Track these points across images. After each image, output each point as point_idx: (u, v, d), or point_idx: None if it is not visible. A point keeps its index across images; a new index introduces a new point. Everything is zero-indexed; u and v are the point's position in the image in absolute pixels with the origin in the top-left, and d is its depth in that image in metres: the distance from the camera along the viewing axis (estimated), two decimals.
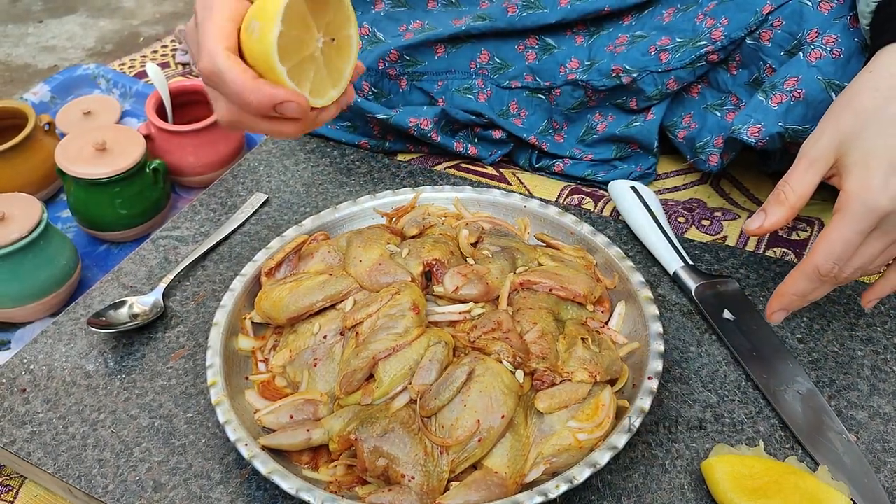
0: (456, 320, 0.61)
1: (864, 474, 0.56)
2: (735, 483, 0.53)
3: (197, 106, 0.96)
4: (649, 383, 0.56)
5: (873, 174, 0.51)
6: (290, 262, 0.67)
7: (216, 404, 0.57)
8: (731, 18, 0.77)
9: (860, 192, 0.51)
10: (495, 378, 0.54)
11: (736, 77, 0.80)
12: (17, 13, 1.56)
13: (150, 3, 1.58)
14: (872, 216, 0.51)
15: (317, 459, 0.56)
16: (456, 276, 0.62)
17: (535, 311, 0.60)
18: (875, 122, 0.52)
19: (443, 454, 0.52)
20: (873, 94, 0.53)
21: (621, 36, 0.83)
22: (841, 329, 0.67)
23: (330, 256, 0.66)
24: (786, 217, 0.54)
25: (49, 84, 1.12)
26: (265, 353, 0.64)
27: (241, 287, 0.66)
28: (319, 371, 0.59)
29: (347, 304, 0.62)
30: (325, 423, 0.55)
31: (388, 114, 0.86)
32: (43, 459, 0.59)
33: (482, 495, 0.51)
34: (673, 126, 0.86)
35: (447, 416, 0.53)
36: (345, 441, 0.53)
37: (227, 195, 0.84)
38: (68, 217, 0.91)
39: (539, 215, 0.73)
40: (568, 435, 0.54)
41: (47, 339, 0.68)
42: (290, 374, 0.61)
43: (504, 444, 0.53)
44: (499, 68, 0.87)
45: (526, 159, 0.91)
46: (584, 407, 0.55)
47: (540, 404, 0.55)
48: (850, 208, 0.51)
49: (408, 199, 0.75)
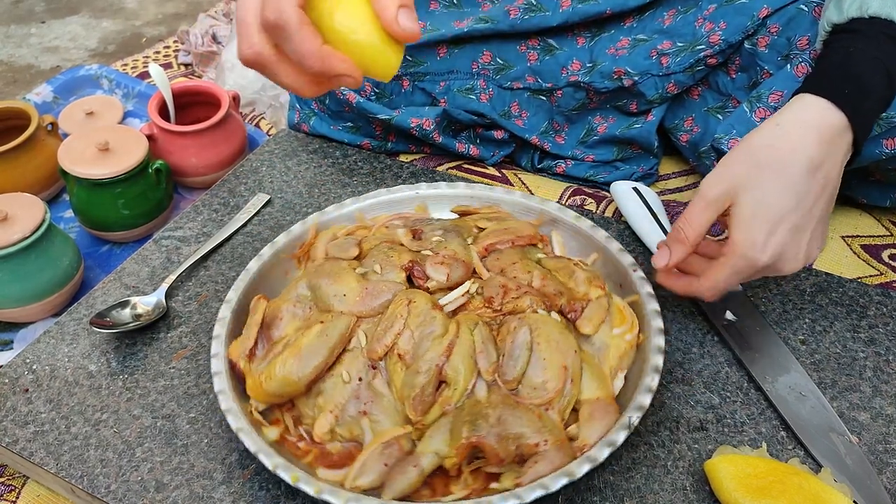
0: (462, 304, 0.61)
1: (867, 476, 0.56)
2: (739, 483, 0.53)
3: (199, 107, 0.96)
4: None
5: (757, 232, 0.56)
6: (262, 337, 0.60)
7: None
8: (729, 22, 0.77)
9: (744, 248, 0.57)
10: (547, 325, 0.58)
11: (735, 80, 0.80)
12: (20, 14, 1.56)
13: (152, 3, 1.58)
14: (753, 268, 0.58)
15: (435, 486, 0.54)
16: (437, 266, 0.62)
17: (519, 264, 0.64)
18: (769, 177, 0.57)
19: (549, 409, 0.55)
20: (772, 150, 0.57)
21: (623, 38, 0.84)
22: (843, 330, 0.67)
23: (298, 310, 0.61)
24: (687, 253, 0.60)
25: (52, 84, 1.12)
26: (296, 432, 0.58)
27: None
28: (375, 412, 0.55)
29: (361, 340, 0.58)
30: (425, 449, 0.53)
31: (391, 114, 0.86)
32: (45, 459, 0.59)
33: (606, 420, 0.55)
34: (675, 129, 0.86)
35: (533, 377, 0.56)
36: (464, 449, 0.52)
37: (230, 196, 0.84)
38: (71, 217, 0.91)
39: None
40: (620, 342, 0.60)
41: (50, 340, 0.68)
42: (344, 433, 0.56)
43: (586, 374, 0.57)
44: (501, 69, 0.87)
45: (528, 160, 0.91)
46: (613, 315, 0.61)
47: (586, 329, 0.59)
48: (735, 260, 0.57)
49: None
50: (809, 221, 0.57)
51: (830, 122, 0.57)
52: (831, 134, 0.57)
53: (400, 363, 0.56)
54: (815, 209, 0.57)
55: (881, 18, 0.58)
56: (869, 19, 0.59)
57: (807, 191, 0.56)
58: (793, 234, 0.57)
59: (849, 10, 0.60)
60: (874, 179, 0.80)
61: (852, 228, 0.82)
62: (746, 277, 0.59)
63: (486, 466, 0.53)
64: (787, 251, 0.57)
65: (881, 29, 0.58)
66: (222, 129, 0.91)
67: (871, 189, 0.81)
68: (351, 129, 0.91)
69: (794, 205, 0.56)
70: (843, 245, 0.80)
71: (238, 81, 1.07)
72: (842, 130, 0.57)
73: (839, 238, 0.80)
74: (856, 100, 0.57)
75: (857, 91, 0.57)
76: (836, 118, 0.57)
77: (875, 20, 0.59)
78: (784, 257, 0.57)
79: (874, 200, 0.82)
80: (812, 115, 0.57)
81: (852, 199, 0.83)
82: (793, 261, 0.58)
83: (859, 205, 0.84)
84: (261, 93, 1.07)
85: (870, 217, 0.83)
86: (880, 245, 0.80)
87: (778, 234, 0.56)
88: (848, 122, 0.57)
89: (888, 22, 0.58)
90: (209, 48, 1.21)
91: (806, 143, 0.56)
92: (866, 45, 0.58)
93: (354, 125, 0.91)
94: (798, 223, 0.57)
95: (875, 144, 0.68)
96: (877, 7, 0.58)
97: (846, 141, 0.58)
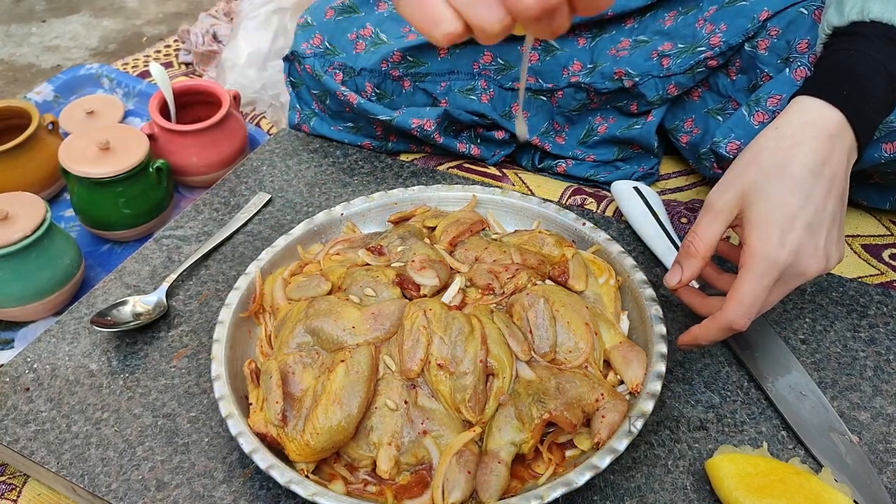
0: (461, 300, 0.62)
1: (867, 475, 0.56)
2: (740, 482, 0.53)
3: (200, 106, 0.96)
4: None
5: (772, 231, 0.55)
6: (287, 400, 0.55)
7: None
8: (730, 24, 0.77)
9: (761, 249, 0.55)
10: (555, 292, 0.61)
11: (735, 82, 0.80)
12: (21, 13, 1.56)
13: (153, 3, 1.58)
14: (774, 271, 0.55)
15: (519, 473, 0.54)
16: (422, 272, 0.62)
17: (490, 248, 0.66)
18: (775, 179, 0.56)
19: (587, 367, 0.58)
20: (775, 153, 0.57)
21: (623, 39, 0.84)
22: (843, 330, 0.67)
23: (307, 358, 0.57)
24: (700, 267, 0.58)
25: (52, 84, 1.12)
26: (358, 478, 0.55)
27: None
28: (434, 427, 0.54)
29: (389, 364, 0.57)
30: (499, 443, 0.53)
31: (391, 115, 0.86)
32: (46, 458, 0.59)
33: (639, 357, 0.58)
34: (675, 130, 0.86)
35: (565, 343, 0.58)
36: (540, 428, 0.54)
37: (230, 195, 0.84)
38: (72, 216, 0.91)
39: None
40: (607, 289, 0.64)
41: (51, 338, 0.68)
42: (410, 460, 0.54)
43: (601, 326, 0.61)
44: (501, 69, 0.87)
45: (528, 160, 0.91)
46: (592, 268, 0.65)
47: (578, 286, 0.64)
48: (755, 265, 0.55)
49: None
50: (823, 219, 0.56)
51: (829, 119, 0.57)
52: (831, 131, 0.57)
53: (442, 372, 0.55)
54: (826, 207, 0.56)
55: (882, 22, 0.58)
56: (870, 23, 0.59)
57: (814, 188, 0.56)
58: (807, 231, 0.55)
59: (850, 13, 0.60)
60: (873, 182, 0.80)
61: (853, 228, 0.82)
62: (771, 284, 0.55)
63: (557, 438, 0.56)
64: (805, 249, 0.55)
65: (882, 32, 0.58)
66: (223, 128, 0.91)
67: (870, 192, 0.81)
68: (352, 129, 0.91)
69: (804, 202, 0.55)
70: (844, 245, 0.80)
71: (239, 81, 1.07)
72: (841, 128, 0.57)
73: None
74: (855, 101, 0.57)
75: (856, 92, 0.57)
76: (834, 116, 0.57)
77: (876, 24, 0.59)
78: (803, 255, 0.55)
79: (874, 203, 0.82)
80: (811, 116, 0.57)
81: (852, 201, 0.83)
82: (814, 259, 0.56)
83: (860, 206, 0.84)
84: (261, 92, 1.07)
85: (870, 217, 0.83)
86: (881, 245, 0.80)
87: (793, 232, 0.55)
88: (846, 120, 0.57)
89: (889, 26, 0.58)
90: (210, 47, 1.21)
91: (806, 141, 0.56)
92: (867, 47, 0.58)
93: (355, 126, 0.91)
94: (811, 220, 0.55)
95: (875, 148, 0.69)
96: (878, 11, 0.58)
97: (848, 138, 0.57)
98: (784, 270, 0.55)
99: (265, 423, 0.55)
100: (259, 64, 1.08)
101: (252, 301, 0.65)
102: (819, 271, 0.56)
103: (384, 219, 0.74)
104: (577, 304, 0.61)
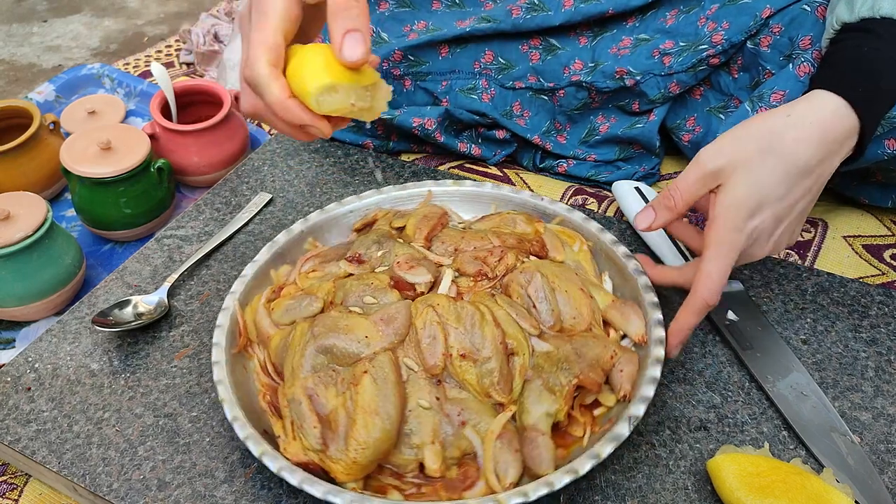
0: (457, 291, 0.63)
1: (868, 476, 0.56)
2: (742, 482, 0.53)
3: (201, 105, 0.96)
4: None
5: (742, 213, 0.57)
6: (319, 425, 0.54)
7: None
8: (732, 22, 0.77)
9: (729, 230, 0.57)
10: (545, 266, 0.63)
11: (737, 80, 0.80)
12: (22, 13, 1.56)
13: (154, 3, 1.58)
14: (736, 252, 0.57)
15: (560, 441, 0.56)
16: (413, 271, 0.62)
17: (467, 236, 0.67)
18: (768, 165, 0.57)
19: (591, 328, 0.61)
20: (779, 139, 0.57)
21: (625, 38, 0.84)
22: (845, 330, 0.67)
23: (326, 378, 0.56)
24: (672, 220, 0.60)
25: (54, 83, 1.12)
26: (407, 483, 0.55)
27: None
28: (470, 416, 0.55)
29: (410, 365, 0.56)
30: (534, 414, 0.55)
31: (392, 114, 0.86)
32: (47, 458, 0.59)
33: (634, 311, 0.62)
34: (677, 128, 0.86)
35: (567, 312, 0.61)
36: (570, 394, 0.57)
37: (232, 195, 0.84)
38: (73, 216, 0.91)
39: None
40: (583, 254, 0.68)
41: (52, 338, 0.68)
42: (455, 454, 0.54)
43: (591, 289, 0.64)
44: (503, 69, 0.87)
45: (529, 160, 0.91)
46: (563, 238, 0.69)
47: (559, 256, 0.67)
48: (722, 245, 0.57)
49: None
50: (790, 213, 0.59)
51: (842, 124, 0.57)
52: (838, 137, 0.57)
53: (465, 361, 0.56)
54: (798, 205, 0.59)
55: (893, 18, 0.58)
56: (880, 19, 0.59)
57: (796, 186, 0.57)
58: (772, 221, 0.58)
59: (860, 9, 0.60)
60: (875, 180, 0.80)
61: (854, 228, 0.82)
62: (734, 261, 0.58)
63: (584, 400, 0.58)
64: (762, 236, 0.59)
65: (894, 29, 0.58)
66: (224, 128, 0.91)
67: (872, 190, 0.81)
68: (353, 128, 0.91)
69: (782, 196, 0.57)
70: (845, 245, 0.80)
71: None
72: (850, 134, 0.58)
73: (841, 238, 0.80)
74: (869, 99, 0.57)
75: (871, 90, 0.57)
76: (848, 121, 0.57)
77: (886, 20, 0.59)
78: (759, 241, 0.59)
79: (875, 201, 0.82)
80: (826, 115, 0.57)
81: (854, 200, 0.83)
82: (763, 246, 0.60)
83: (861, 205, 0.84)
84: None
85: (871, 217, 0.83)
86: (882, 245, 0.80)
87: (757, 218, 0.57)
88: (860, 124, 0.57)
89: None
90: (211, 47, 1.21)
91: (813, 139, 0.57)
92: (879, 44, 0.59)
93: (356, 125, 0.91)
94: (779, 213, 0.58)
95: (877, 145, 0.68)
96: (889, 8, 0.58)
97: (850, 144, 0.58)
98: (743, 252, 0.58)
99: (304, 451, 0.53)
100: None
101: (238, 336, 0.62)
102: (761, 257, 0.61)
103: (343, 229, 0.73)
104: (567, 272, 0.64)
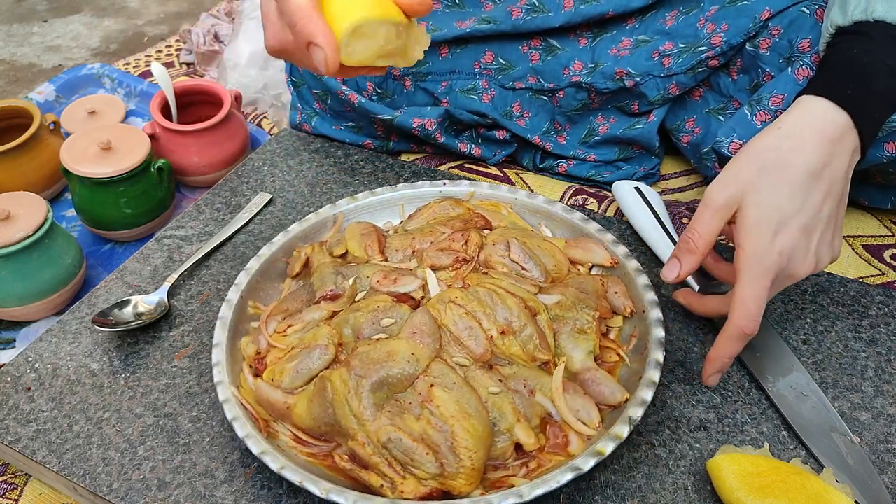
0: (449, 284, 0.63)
1: (868, 476, 0.56)
2: (742, 481, 0.53)
3: (201, 106, 0.96)
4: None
5: (766, 234, 0.55)
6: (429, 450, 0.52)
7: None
8: (731, 24, 0.77)
9: (755, 252, 0.55)
10: (509, 231, 0.68)
11: (737, 82, 0.80)
12: (22, 13, 1.56)
13: (154, 3, 1.58)
14: (771, 273, 0.55)
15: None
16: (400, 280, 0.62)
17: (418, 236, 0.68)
18: (774, 180, 0.56)
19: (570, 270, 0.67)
20: (776, 153, 0.57)
21: (625, 39, 0.84)
22: (845, 330, 0.67)
23: (397, 410, 0.53)
24: (698, 262, 0.58)
25: (54, 83, 1.12)
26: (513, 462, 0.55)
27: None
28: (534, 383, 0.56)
29: (462, 362, 0.57)
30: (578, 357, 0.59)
31: (392, 114, 0.86)
32: (48, 458, 0.59)
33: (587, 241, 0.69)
34: (677, 129, 0.86)
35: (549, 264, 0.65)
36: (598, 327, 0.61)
37: (232, 195, 0.84)
38: (73, 216, 0.91)
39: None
40: (510, 213, 0.73)
41: (52, 338, 0.68)
42: (536, 422, 0.56)
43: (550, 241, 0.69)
44: (503, 69, 0.87)
45: (530, 160, 0.91)
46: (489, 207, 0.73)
47: (502, 223, 0.71)
48: (751, 269, 0.55)
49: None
50: (818, 222, 0.57)
51: (833, 122, 0.57)
52: (835, 134, 0.57)
53: (506, 337, 0.58)
54: (823, 210, 0.57)
55: (886, 22, 0.58)
56: (874, 22, 0.59)
57: (811, 191, 0.56)
58: (802, 234, 0.56)
59: (853, 12, 0.60)
60: (875, 182, 0.80)
61: (854, 228, 0.82)
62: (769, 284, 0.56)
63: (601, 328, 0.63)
64: (797, 252, 0.56)
65: (886, 32, 0.58)
66: (224, 128, 0.91)
67: (872, 191, 0.81)
68: (353, 129, 0.91)
69: (800, 206, 0.55)
70: (845, 245, 0.80)
71: (240, 80, 1.07)
72: (846, 130, 0.57)
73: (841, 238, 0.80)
74: (860, 100, 0.57)
75: (861, 92, 0.57)
76: (839, 118, 0.57)
77: (880, 23, 0.59)
78: (796, 258, 0.56)
79: (875, 202, 0.82)
80: (815, 117, 0.57)
81: (854, 201, 0.83)
82: (805, 261, 0.57)
83: (861, 205, 0.84)
84: (263, 92, 1.07)
85: (871, 217, 0.83)
86: (882, 245, 0.80)
87: (784, 235, 0.55)
88: (852, 121, 0.57)
89: (893, 25, 0.58)
90: (211, 47, 1.21)
91: (809, 144, 0.56)
92: (871, 47, 0.58)
93: (356, 125, 0.91)
94: (806, 223, 0.56)
95: (876, 148, 0.68)
96: (882, 10, 0.58)
97: (851, 141, 0.57)
98: (778, 272, 0.56)
99: (420, 484, 0.52)
100: (260, 64, 1.08)
101: (256, 423, 0.57)
102: (809, 273, 0.57)
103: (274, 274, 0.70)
104: (527, 231, 0.69)
